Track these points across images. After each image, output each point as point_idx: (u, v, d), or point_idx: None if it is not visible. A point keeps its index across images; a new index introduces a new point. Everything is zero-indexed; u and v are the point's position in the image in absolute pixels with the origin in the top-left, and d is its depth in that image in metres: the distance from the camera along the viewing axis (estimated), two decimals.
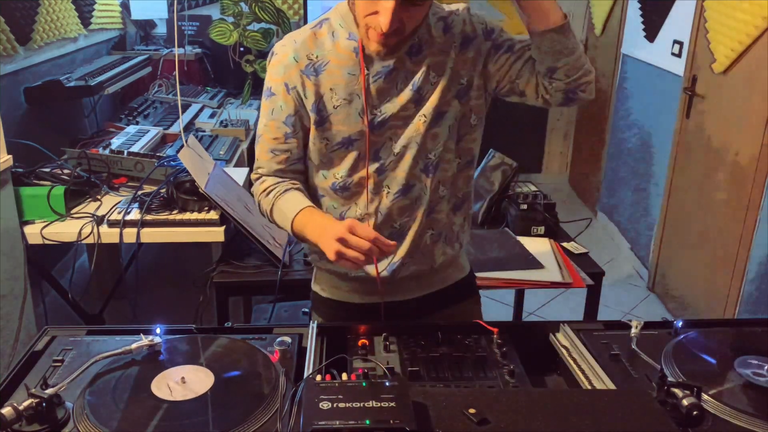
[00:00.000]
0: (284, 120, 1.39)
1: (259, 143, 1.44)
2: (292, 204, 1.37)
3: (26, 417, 1.02)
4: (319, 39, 1.38)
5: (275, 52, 1.40)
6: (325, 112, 1.38)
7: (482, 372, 1.24)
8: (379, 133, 1.40)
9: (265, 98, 1.41)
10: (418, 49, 1.38)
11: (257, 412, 1.05)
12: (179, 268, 3.64)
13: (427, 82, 1.39)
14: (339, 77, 1.36)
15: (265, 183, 1.43)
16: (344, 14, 1.38)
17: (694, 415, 1.05)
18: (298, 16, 4.66)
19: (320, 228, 1.30)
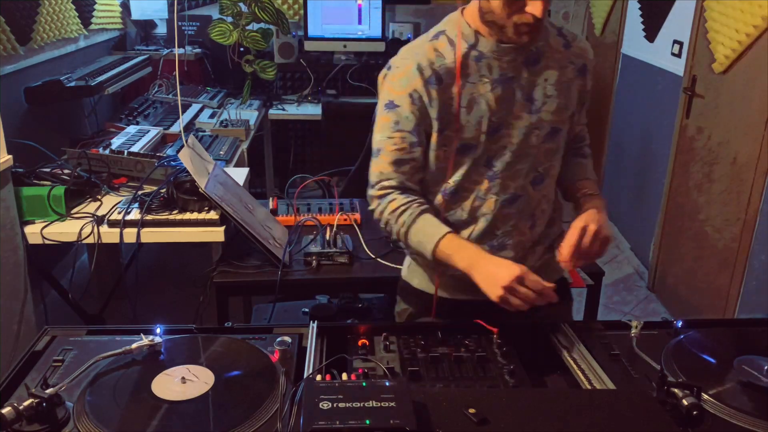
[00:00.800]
0: (410, 130, 1.40)
1: (380, 156, 1.43)
2: (432, 228, 1.40)
3: (26, 417, 1.02)
4: (439, 50, 1.40)
5: (396, 66, 1.42)
6: (447, 120, 1.40)
7: (482, 372, 1.24)
8: (494, 140, 1.42)
9: (387, 111, 1.41)
10: (536, 58, 1.41)
11: (257, 412, 1.05)
12: (179, 268, 3.64)
13: (543, 94, 1.42)
14: (460, 85, 1.39)
15: (394, 203, 1.42)
16: (459, 24, 1.41)
17: (694, 415, 1.06)
18: (297, 16, 4.66)
19: (478, 264, 1.35)
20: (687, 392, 1.06)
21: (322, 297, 2.55)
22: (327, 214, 2.38)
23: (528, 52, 1.40)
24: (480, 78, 1.39)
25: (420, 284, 1.60)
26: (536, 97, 1.42)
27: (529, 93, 1.41)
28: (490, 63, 1.39)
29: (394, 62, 1.43)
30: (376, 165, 1.44)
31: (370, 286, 2.31)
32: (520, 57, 1.39)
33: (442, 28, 1.44)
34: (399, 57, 1.43)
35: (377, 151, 1.44)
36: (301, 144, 5.09)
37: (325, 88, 4.66)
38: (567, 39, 1.46)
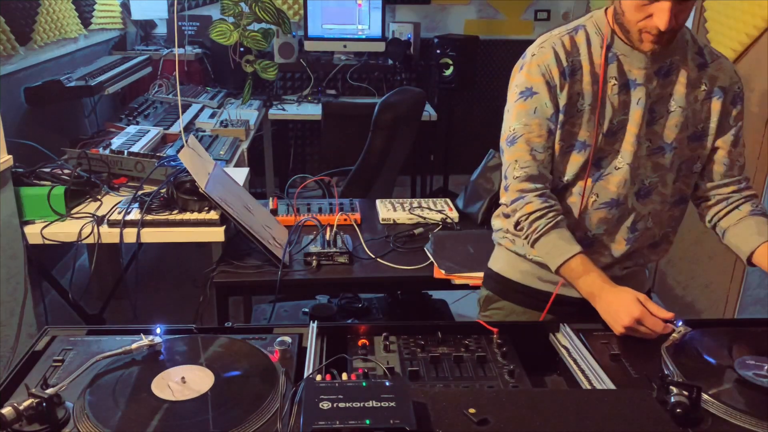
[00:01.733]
0: (549, 117, 1.41)
1: (517, 144, 1.42)
2: (564, 244, 1.40)
3: (26, 417, 1.02)
4: (576, 43, 1.41)
5: (534, 53, 1.42)
6: (570, 115, 1.41)
7: (482, 372, 1.24)
8: (609, 142, 1.43)
9: (524, 98, 1.42)
10: (668, 71, 1.41)
11: (257, 412, 1.05)
12: (179, 268, 3.64)
13: (665, 108, 1.42)
14: (589, 83, 1.40)
15: (531, 206, 1.41)
16: (599, 22, 1.42)
17: (693, 414, 1.05)
18: (298, 16, 4.66)
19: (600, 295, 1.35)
20: (687, 392, 1.06)
21: (322, 297, 2.56)
22: (327, 214, 2.39)
23: (661, 64, 1.40)
24: (609, 78, 1.40)
25: (502, 269, 1.64)
26: (657, 109, 1.42)
27: (652, 103, 1.41)
28: (621, 66, 1.40)
29: (531, 50, 1.44)
30: (512, 152, 1.43)
31: (370, 286, 2.31)
32: (653, 67, 1.39)
33: (583, 22, 1.45)
34: (537, 45, 1.44)
35: (513, 139, 1.43)
36: (301, 144, 5.09)
37: (325, 88, 4.66)
38: (705, 59, 1.44)
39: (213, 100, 3.93)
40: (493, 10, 4.90)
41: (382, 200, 2.57)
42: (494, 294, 1.66)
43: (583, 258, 1.39)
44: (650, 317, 1.29)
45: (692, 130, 1.45)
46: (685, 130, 1.44)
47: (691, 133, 1.45)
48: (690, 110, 1.43)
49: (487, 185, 2.50)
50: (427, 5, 4.86)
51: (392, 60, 4.58)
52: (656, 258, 1.59)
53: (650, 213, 1.50)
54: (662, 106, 1.42)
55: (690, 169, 1.49)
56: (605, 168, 1.44)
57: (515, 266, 1.61)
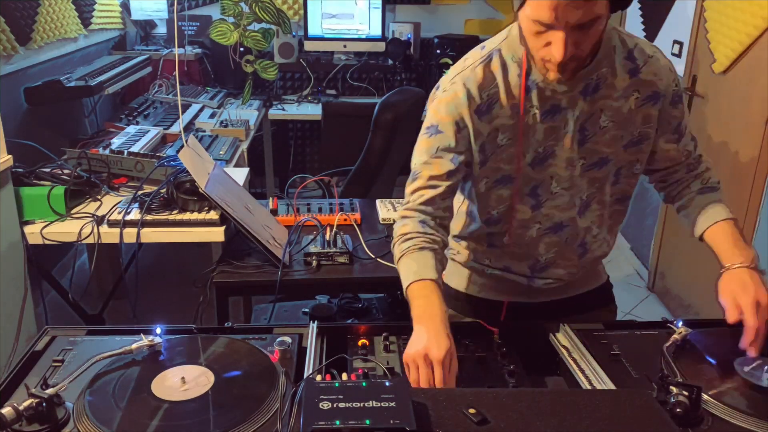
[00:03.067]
0: (451, 159, 1.33)
1: (416, 180, 1.36)
2: (419, 267, 1.29)
3: (26, 417, 1.02)
4: (490, 74, 1.33)
5: (445, 89, 1.35)
6: (490, 151, 1.36)
7: (482, 372, 1.24)
8: (539, 170, 1.38)
9: (429, 135, 1.35)
10: (595, 88, 1.33)
11: (257, 412, 1.05)
12: (179, 268, 3.64)
13: (596, 125, 1.35)
14: (508, 116, 1.33)
15: (406, 227, 1.34)
16: (514, 46, 1.32)
17: (693, 414, 1.06)
18: (298, 16, 4.66)
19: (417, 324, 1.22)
20: (687, 392, 1.06)
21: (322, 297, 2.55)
22: (327, 214, 2.38)
23: (586, 82, 1.31)
24: (530, 108, 1.32)
25: (458, 285, 1.61)
26: (588, 127, 1.35)
27: (582, 124, 1.34)
28: (542, 93, 1.32)
29: (443, 83, 1.37)
30: (410, 187, 1.38)
31: (370, 286, 2.30)
32: (577, 87, 1.31)
33: (497, 44, 1.35)
34: (449, 79, 1.36)
35: (414, 174, 1.37)
36: (301, 144, 5.09)
37: (325, 88, 4.66)
38: (636, 64, 1.34)
39: (213, 100, 3.93)
40: (492, 10, 4.90)
41: (382, 200, 2.57)
42: (458, 313, 1.60)
43: (429, 284, 1.27)
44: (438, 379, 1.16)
45: (628, 138, 1.38)
46: (620, 140, 1.38)
47: (627, 141, 1.39)
48: (623, 121, 1.36)
49: None
50: (427, 5, 4.86)
51: (392, 60, 4.59)
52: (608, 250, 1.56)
53: (592, 222, 1.46)
54: (593, 123, 1.35)
55: (630, 170, 1.44)
56: (542, 195, 1.40)
57: (474, 281, 1.58)
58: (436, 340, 1.16)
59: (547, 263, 1.48)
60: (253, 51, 3.75)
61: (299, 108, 4.36)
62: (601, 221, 1.48)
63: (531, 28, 1.20)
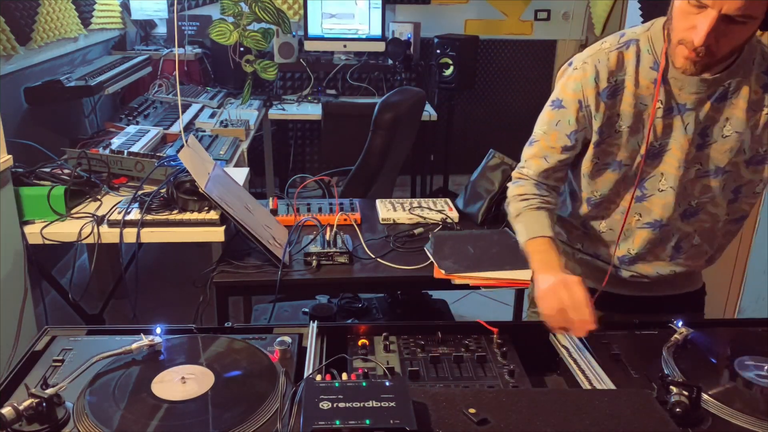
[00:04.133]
0: (568, 134, 1.40)
1: (532, 146, 1.45)
2: (536, 225, 1.40)
3: (26, 417, 1.02)
4: (623, 61, 1.35)
5: (576, 67, 1.38)
6: (607, 135, 1.39)
7: (482, 372, 1.24)
8: (652, 165, 1.40)
9: (553, 108, 1.42)
10: (724, 95, 1.33)
11: (257, 412, 1.05)
12: (179, 268, 3.64)
13: (719, 132, 1.35)
14: (631, 105, 1.36)
15: (522, 188, 1.45)
16: (655, 37, 1.34)
17: (693, 414, 1.06)
18: (298, 16, 4.66)
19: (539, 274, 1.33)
20: (687, 392, 1.06)
21: (322, 297, 2.56)
22: (327, 214, 2.38)
23: (717, 88, 1.31)
24: (653, 101, 1.34)
25: None
26: (710, 134, 1.35)
27: (704, 128, 1.35)
28: (671, 89, 1.33)
29: (576, 61, 1.40)
30: (527, 151, 1.47)
31: (370, 286, 2.30)
32: (707, 91, 1.32)
33: (638, 35, 1.37)
34: (582, 58, 1.39)
35: (532, 140, 1.46)
36: (301, 144, 5.10)
37: (325, 88, 4.66)
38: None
39: (213, 100, 3.93)
40: (493, 10, 4.90)
41: (382, 200, 2.57)
42: None
43: (548, 240, 1.38)
44: (572, 313, 1.25)
45: (750, 154, 1.38)
46: (742, 154, 1.37)
47: (750, 157, 1.38)
48: (748, 134, 1.35)
49: (487, 185, 2.50)
50: (427, 5, 4.86)
51: (392, 60, 4.59)
52: (708, 265, 1.57)
53: (696, 231, 1.46)
54: (716, 130, 1.35)
55: (751, 190, 1.44)
56: (648, 189, 1.42)
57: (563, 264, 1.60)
58: (566, 275, 1.29)
59: (637, 257, 1.50)
60: (253, 51, 3.75)
61: (299, 108, 4.36)
62: (707, 234, 1.47)
63: (684, 7, 1.21)
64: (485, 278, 2.04)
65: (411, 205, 2.51)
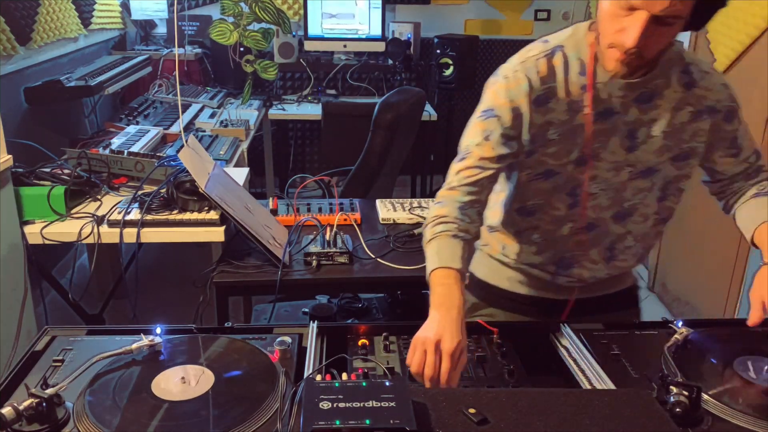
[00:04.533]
0: (503, 143, 1.34)
1: (464, 160, 1.37)
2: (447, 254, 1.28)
3: (26, 417, 1.02)
4: (553, 68, 1.34)
5: (506, 76, 1.35)
6: (540, 144, 1.37)
7: (482, 372, 1.24)
8: (581, 170, 1.39)
9: (484, 118, 1.36)
10: (649, 97, 1.34)
11: (257, 412, 1.05)
12: (179, 268, 3.64)
13: (646, 133, 1.36)
14: (561, 112, 1.35)
15: (445, 209, 1.34)
16: (580, 43, 1.34)
17: (693, 414, 1.06)
18: (298, 16, 4.66)
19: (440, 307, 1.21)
20: (686, 392, 1.06)
21: (322, 297, 2.56)
22: (327, 214, 2.38)
23: (642, 90, 1.33)
24: (583, 107, 1.34)
25: (486, 276, 1.62)
26: (638, 135, 1.36)
27: (631, 131, 1.36)
28: (598, 95, 1.33)
29: (505, 71, 1.37)
30: (457, 166, 1.38)
31: (370, 286, 2.31)
32: (632, 94, 1.33)
33: (562, 41, 1.36)
34: (511, 68, 1.36)
35: (463, 154, 1.38)
36: (301, 144, 5.10)
37: (325, 88, 4.66)
38: (693, 77, 1.36)
39: (213, 100, 3.93)
40: (493, 10, 4.90)
41: (382, 200, 2.57)
42: (480, 301, 1.63)
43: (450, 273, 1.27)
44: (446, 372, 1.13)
45: (677, 152, 1.40)
46: (669, 152, 1.39)
47: (675, 155, 1.40)
48: (673, 133, 1.37)
49: None
50: (427, 5, 4.86)
51: (392, 60, 4.59)
52: (640, 263, 1.59)
53: (630, 232, 1.47)
54: (643, 131, 1.36)
55: (677, 186, 1.45)
56: (580, 195, 1.42)
57: (500, 273, 1.59)
58: (450, 331, 1.16)
59: (572, 261, 1.49)
60: (253, 51, 3.75)
61: (299, 108, 4.36)
62: (639, 234, 1.49)
63: (613, 10, 1.21)
64: None
65: (411, 205, 2.51)
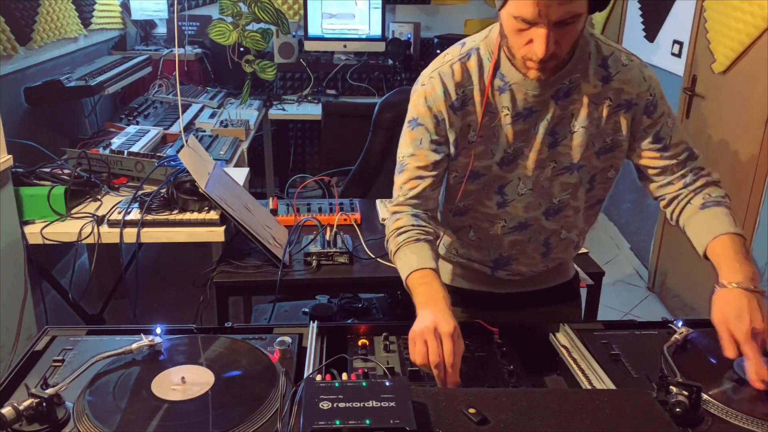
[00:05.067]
0: (433, 149, 1.38)
1: (403, 172, 1.41)
2: (416, 257, 1.33)
3: (26, 417, 1.02)
4: (468, 71, 1.36)
5: (423, 83, 1.39)
6: (462, 147, 1.39)
7: (482, 372, 1.24)
8: (508, 170, 1.40)
9: (411, 128, 1.40)
10: (567, 93, 1.35)
11: (257, 412, 1.05)
12: (179, 268, 3.64)
13: (567, 129, 1.37)
14: (479, 114, 1.36)
15: (399, 222, 1.39)
16: (492, 45, 1.35)
17: (693, 414, 1.06)
18: (298, 16, 4.66)
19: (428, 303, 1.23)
20: (686, 392, 1.06)
21: (322, 297, 2.56)
22: (327, 214, 2.38)
23: (558, 86, 1.33)
24: (501, 109, 1.35)
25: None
26: (558, 131, 1.37)
27: (552, 127, 1.36)
28: (514, 95, 1.34)
29: (423, 79, 1.40)
30: (399, 179, 1.42)
31: (370, 286, 2.31)
32: (549, 91, 1.33)
33: (477, 43, 1.38)
34: (427, 74, 1.39)
35: (401, 167, 1.41)
36: (301, 144, 5.09)
37: (325, 88, 4.66)
38: (609, 71, 1.35)
39: (213, 100, 3.93)
40: (492, 10, 4.90)
41: (382, 200, 2.57)
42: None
43: (426, 273, 1.30)
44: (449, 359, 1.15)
45: (600, 146, 1.40)
46: (591, 147, 1.39)
47: (599, 149, 1.40)
48: (594, 128, 1.37)
49: None
50: (427, 5, 4.86)
51: (392, 60, 4.58)
52: (576, 252, 1.60)
53: (563, 226, 1.48)
54: (564, 127, 1.37)
55: (604, 176, 1.45)
56: (509, 194, 1.43)
57: (443, 268, 1.57)
58: (443, 317, 1.19)
59: (510, 258, 1.51)
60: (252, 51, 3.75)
61: (299, 108, 4.36)
62: (572, 226, 1.50)
63: (513, 26, 1.22)
64: None
65: None
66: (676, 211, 1.45)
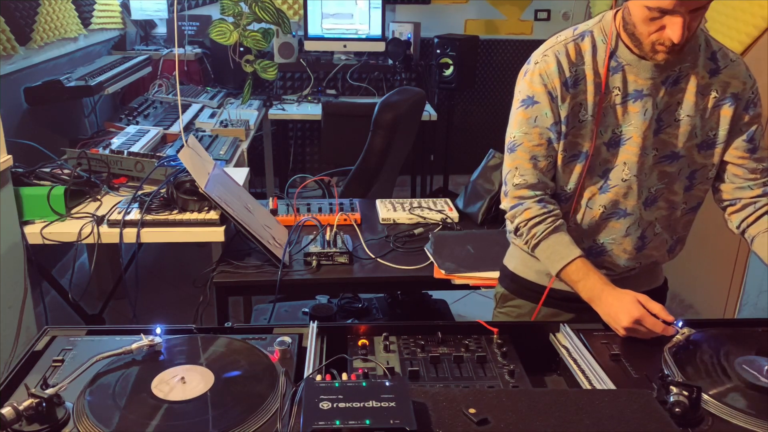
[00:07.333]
0: (549, 127, 1.40)
1: (516, 152, 1.43)
2: (563, 249, 1.40)
3: (26, 417, 1.02)
4: (581, 52, 1.39)
5: (537, 61, 1.41)
6: (572, 126, 1.40)
7: (482, 372, 1.24)
8: (614, 153, 1.42)
9: (525, 107, 1.42)
10: (676, 80, 1.38)
11: (257, 412, 1.05)
12: (179, 268, 3.64)
13: (672, 117, 1.39)
14: (591, 93, 1.38)
15: (529, 212, 1.42)
16: (606, 28, 1.39)
17: (693, 414, 1.06)
18: (298, 16, 4.66)
19: (600, 298, 1.36)
20: (687, 392, 1.06)
21: (322, 297, 2.56)
22: (327, 214, 2.39)
23: (669, 72, 1.36)
24: (612, 89, 1.38)
25: (515, 268, 1.64)
26: (664, 118, 1.39)
27: (659, 112, 1.39)
28: (626, 76, 1.37)
29: (535, 57, 1.42)
30: (512, 160, 1.44)
31: (370, 286, 2.31)
32: (661, 76, 1.36)
33: (590, 27, 1.41)
34: (541, 52, 1.42)
35: (513, 146, 1.43)
36: (301, 144, 5.09)
37: (325, 88, 4.66)
38: (718, 65, 1.39)
39: (213, 100, 3.93)
40: (493, 10, 4.89)
41: (382, 200, 2.57)
42: (510, 292, 1.66)
43: (583, 261, 1.39)
44: (649, 318, 1.28)
45: (702, 138, 1.42)
46: (694, 138, 1.41)
47: (701, 141, 1.42)
48: (699, 118, 1.40)
49: (487, 185, 2.50)
50: (427, 5, 4.86)
51: (392, 60, 4.59)
52: (669, 258, 1.59)
53: (657, 219, 1.49)
54: (670, 114, 1.40)
55: (705, 176, 1.47)
56: (612, 180, 1.44)
57: (529, 266, 1.60)
58: (627, 306, 1.30)
59: (604, 249, 1.51)
60: (252, 51, 3.75)
61: (299, 108, 4.36)
62: (666, 222, 1.50)
63: (645, 15, 1.26)
64: (485, 278, 2.04)
65: (411, 205, 2.51)
66: (749, 219, 1.46)
